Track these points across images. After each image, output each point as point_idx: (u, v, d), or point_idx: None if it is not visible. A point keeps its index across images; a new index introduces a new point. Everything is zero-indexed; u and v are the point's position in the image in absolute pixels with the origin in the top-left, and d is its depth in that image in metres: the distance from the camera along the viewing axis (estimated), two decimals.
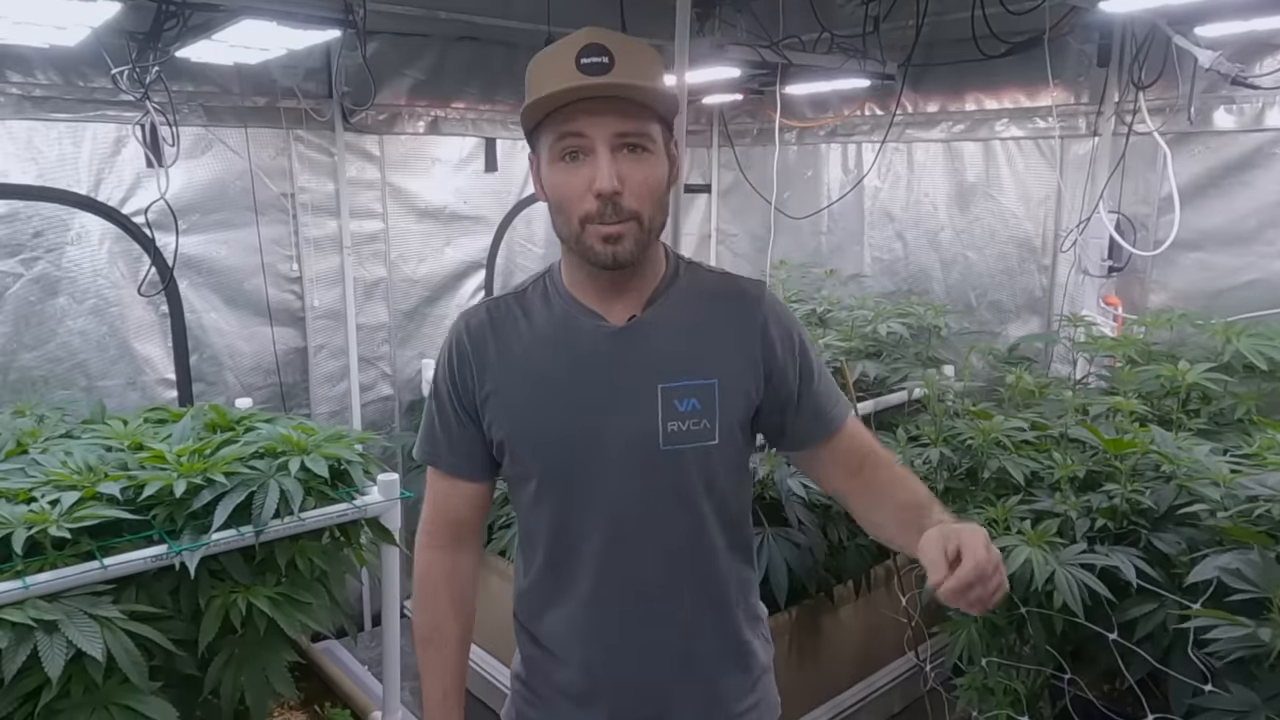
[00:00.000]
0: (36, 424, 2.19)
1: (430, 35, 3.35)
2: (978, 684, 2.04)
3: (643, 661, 1.29)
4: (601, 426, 1.22)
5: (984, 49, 3.00)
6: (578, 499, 1.25)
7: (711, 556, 1.29)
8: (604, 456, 1.22)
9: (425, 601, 1.37)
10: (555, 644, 1.32)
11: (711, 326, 1.27)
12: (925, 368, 2.95)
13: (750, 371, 1.26)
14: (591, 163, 1.13)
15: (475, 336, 1.29)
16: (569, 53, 1.13)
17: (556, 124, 1.15)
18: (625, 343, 1.24)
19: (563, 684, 1.32)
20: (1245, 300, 2.74)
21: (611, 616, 1.28)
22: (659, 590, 1.27)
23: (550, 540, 1.29)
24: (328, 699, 2.39)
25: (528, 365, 1.26)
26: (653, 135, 1.16)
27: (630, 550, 1.25)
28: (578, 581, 1.28)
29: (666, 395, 1.21)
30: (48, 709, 1.52)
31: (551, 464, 1.25)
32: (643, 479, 1.23)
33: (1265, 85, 2.60)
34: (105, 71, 2.65)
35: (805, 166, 4.00)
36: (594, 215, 1.14)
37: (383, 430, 3.51)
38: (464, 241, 3.61)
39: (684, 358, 1.24)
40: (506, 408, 1.26)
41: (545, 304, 1.29)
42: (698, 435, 1.23)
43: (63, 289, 2.78)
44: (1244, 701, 1.55)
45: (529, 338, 1.27)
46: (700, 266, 1.33)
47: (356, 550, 2.08)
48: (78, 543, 1.68)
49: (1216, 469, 1.85)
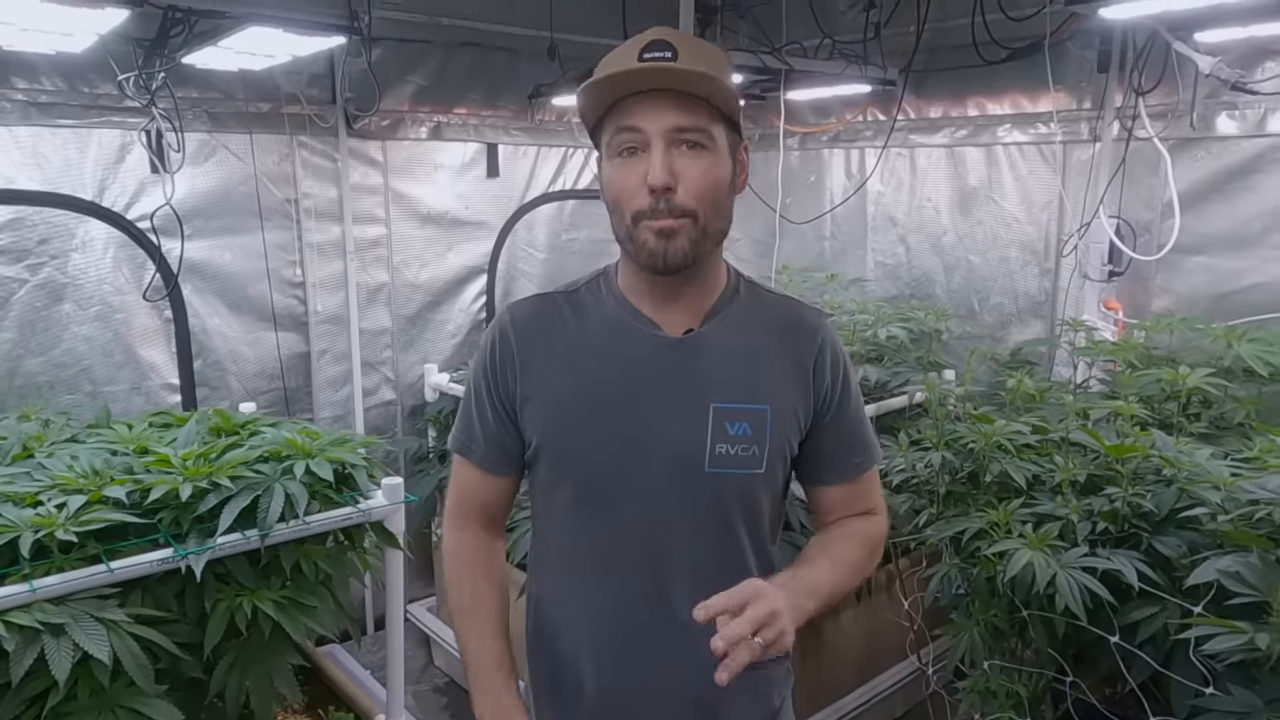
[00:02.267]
0: (42, 429, 2.20)
1: (433, 41, 3.37)
2: (980, 687, 2.05)
3: (659, 690, 1.24)
4: (647, 440, 1.18)
5: (985, 55, 3.01)
6: (613, 513, 1.21)
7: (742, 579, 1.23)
8: (645, 472, 1.18)
9: (462, 575, 1.31)
10: (568, 660, 1.28)
11: (769, 350, 1.22)
12: (926, 372, 2.95)
13: (802, 402, 1.23)
14: (647, 158, 1.09)
15: (520, 332, 1.23)
16: (634, 47, 1.10)
17: (614, 119, 1.11)
18: (681, 355, 1.19)
19: (572, 705, 1.28)
20: (1249, 304, 2.74)
21: (633, 638, 1.23)
22: (686, 611, 1.21)
23: (574, 552, 1.25)
24: (331, 703, 2.39)
25: (573, 367, 1.21)
26: (712, 133, 1.11)
27: (659, 569, 1.21)
28: (598, 598, 1.23)
29: (718, 416, 1.17)
30: (54, 712, 1.53)
31: (589, 474, 1.21)
32: (684, 500, 1.19)
33: (1265, 91, 2.60)
34: (111, 78, 2.67)
35: (808, 172, 4.01)
36: (646, 211, 1.10)
37: (386, 435, 3.52)
38: (466, 247, 3.62)
39: (740, 379, 1.19)
40: (546, 410, 1.22)
41: (598, 305, 1.24)
42: (745, 462, 1.19)
43: (68, 295, 2.79)
44: (1245, 704, 1.55)
45: (577, 339, 1.22)
46: (761, 287, 1.29)
47: (360, 554, 2.08)
48: (84, 546, 1.69)
49: (1217, 473, 1.85)
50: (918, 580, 2.52)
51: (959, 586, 2.13)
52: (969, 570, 2.06)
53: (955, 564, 2.11)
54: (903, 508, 2.42)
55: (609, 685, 1.25)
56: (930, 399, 2.49)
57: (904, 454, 2.36)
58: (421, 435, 3.49)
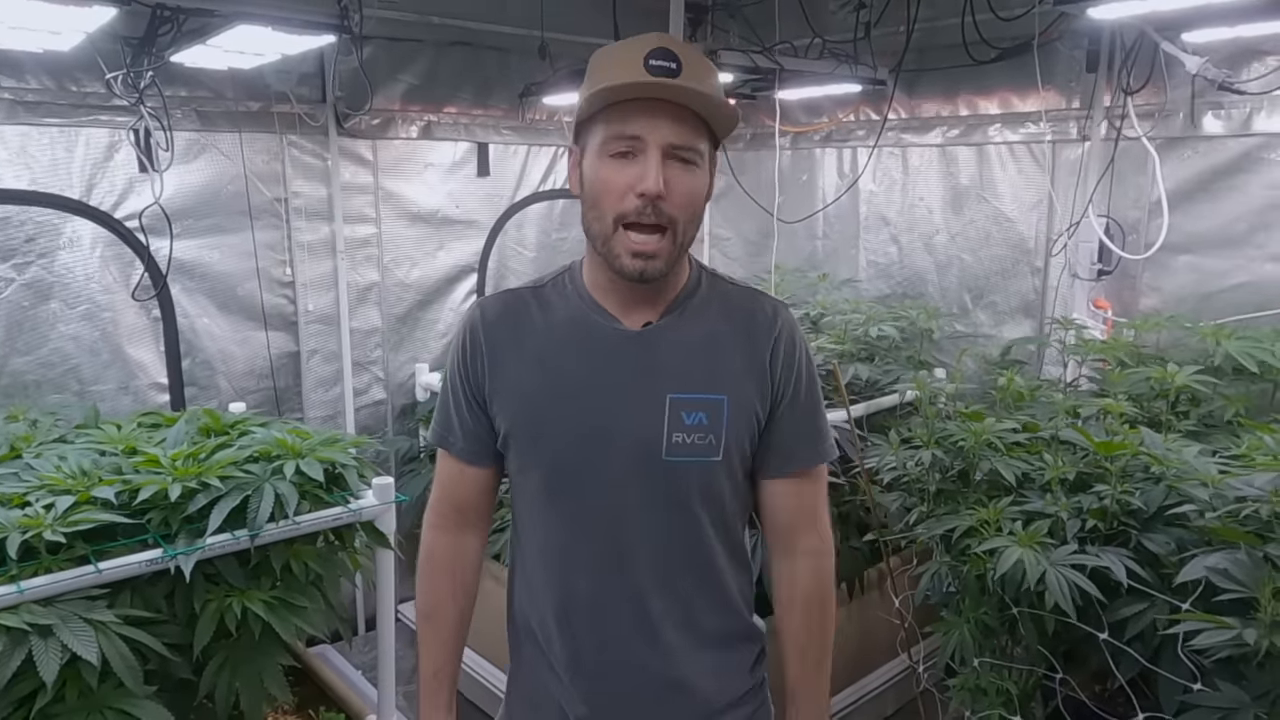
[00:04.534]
0: (30, 429, 2.19)
1: (423, 40, 3.36)
2: (970, 685, 2.05)
3: (631, 670, 1.28)
4: (608, 429, 1.22)
5: (974, 55, 3.02)
6: (577, 498, 1.25)
7: (709, 567, 1.29)
8: (607, 459, 1.23)
9: (428, 579, 1.39)
10: (546, 643, 1.32)
11: (726, 341, 1.25)
12: (917, 370, 2.96)
13: (759, 391, 1.25)
14: (640, 163, 1.13)
15: (489, 326, 1.29)
16: (638, 51, 1.12)
17: (612, 121, 1.14)
18: (639, 348, 1.24)
19: (550, 686, 1.32)
20: (1235, 303, 2.76)
21: (598, 617, 1.27)
22: (654, 594, 1.26)
23: (544, 535, 1.29)
24: (322, 703, 2.39)
25: (540, 360, 1.26)
26: (701, 150, 1.16)
27: (623, 555, 1.25)
28: (571, 580, 1.28)
29: (674, 406, 1.21)
30: (43, 713, 1.52)
31: (555, 462, 1.25)
32: (642, 486, 1.23)
33: (1252, 90, 2.62)
34: (99, 76, 2.65)
35: (800, 171, 4.02)
36: (630, 214, 1.14)
37: (376, 434, 3.51)
38: (456, 246, 3.61)
39: (696, 370, 1.23)
40: (515, 401, 1.27)
41: (563, 300, 1.28)
42: (701, 450, 1.22)
43: (55, 294, 2.77)
44: (1233, 699, 1.56)
45: (543, 333, 1.27)
46: (721, 278, 1.32)
47: (351, 554, 2.08)
48: (72, 547, 1.68)
49: (1205, 470, 1.86)
50: (908, 578, 2.53)
51: (949, 584, 2.14)
52: (959, 568, 2.07)
53: (945, 562, 2.12)
54: (893, 505, 2.43)
55: (579, 658, 1.29)
56: (921, 397, 2.50)
57: (895, 452, 2.37)
58: (412, 435, 3.49)
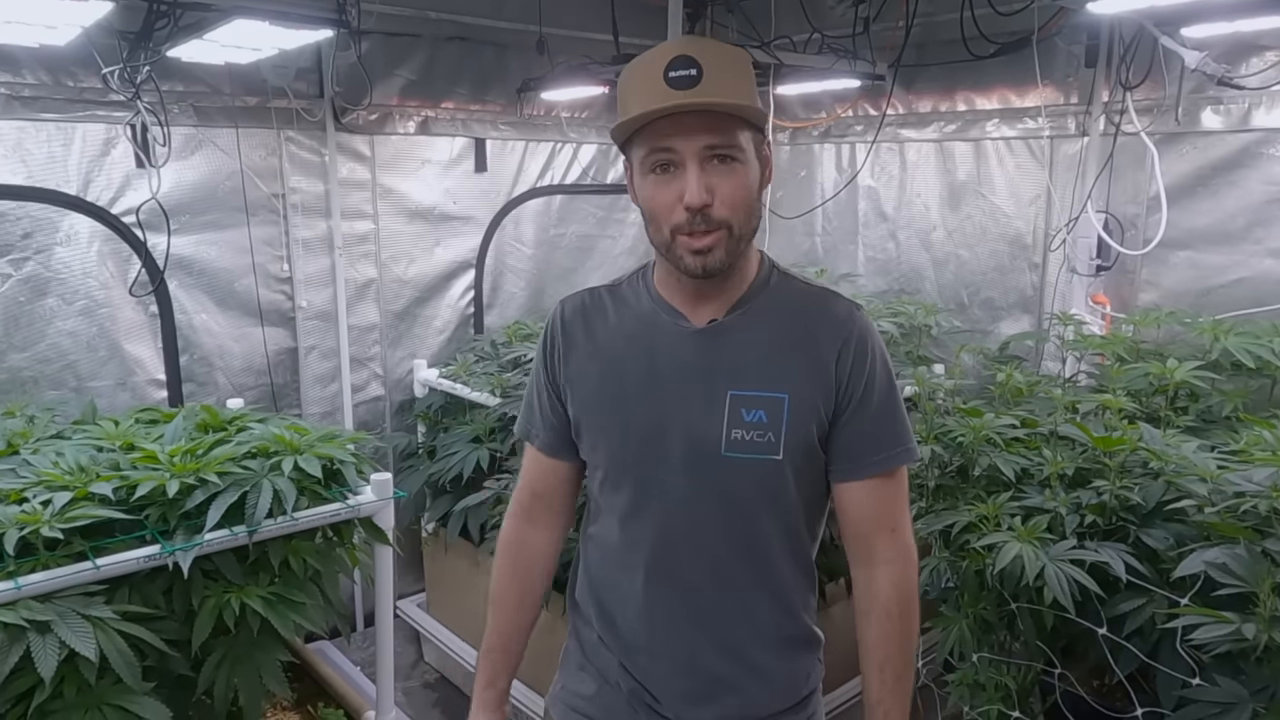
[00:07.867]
0: (27, 425, 2.19)
1: (421, 35, 3.35)
2: (969, 680, 2.06)
3: (678, 660, 1.30)
4: (668, 423, 1.24)
5: (973, 50, 3.02)
6: (638, 490, 1.28)
7: (766, 568, 1.28)
8: (666, 452, 1.25)
9: (495, 563, 1.46)
10: (603, 629, 1.36)
11: (791, 340, 1.25)
12: (916, 366, 2.96)
13: (822, 392, 1.24)
14: (681, 176, 1.15)
15: (568, 322, 1.35)
16: (658, 65, 1.13)
17: (647, 139, 1.16)
18: (702, 344, 1.25)
19: (608, 670, 1.36)
20: (1234, 298, 2.76)
21: (659, 612, 1.30)
22: (708, 593, 1.28)
23: (607, 527, 1.33)
24: (321, 699, 2.39)
25: (607, 356, 1.30)
26: (741, 144, 1.16)
27: (679, 550, 1.27)
28: (628, 569, 1.31)
29: (734, 402, 1.22)
30: (41, 710, 1.52)
31: (617, 453, 1.29)
32: (701, 480, 1.24)
33: (1251, 86, 2.62)
34: (95, 71, 2.64)
35: (799, 166, 4.02)
36: (684, 226, 1.16)
37: (374, 430, 3.50)
38: (454, 242, 3.60)
39: (758, 367, 1.24)
40: (582, 395, 1.32)
41: (635, 298, 1.33)
42: (761, 448, 1.22)
43: (52, 290, 2.76)
44: (1231, 694, 1.56)
45: (614, 328, 1.31)
46: (795, 277, 1.32)
47: (350, 550, 2.08)
48: (70, 543, 1.68)
49: (1204, 465, 1.86)
50: None
51: (948, 579, 2.14)
52: (958, 563, 2.07)
53: (944, 557, 2.12)
54: None
55: (633, 646, 1.33)
56: (920, 393, 2.50)
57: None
58: (410, 431, 3.48)
